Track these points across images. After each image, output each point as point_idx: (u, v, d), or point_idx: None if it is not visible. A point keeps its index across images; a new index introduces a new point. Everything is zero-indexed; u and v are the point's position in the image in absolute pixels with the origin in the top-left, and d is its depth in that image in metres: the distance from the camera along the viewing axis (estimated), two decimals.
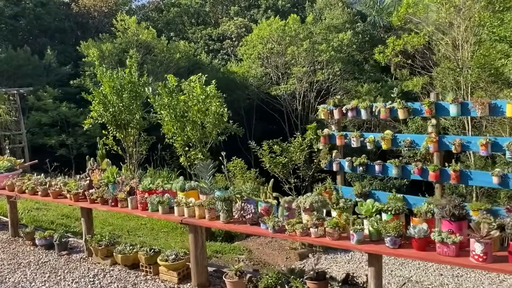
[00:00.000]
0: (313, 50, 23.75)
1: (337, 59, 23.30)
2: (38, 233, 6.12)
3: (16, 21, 26.95)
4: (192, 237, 4.41)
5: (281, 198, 3.96)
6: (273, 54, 24.67)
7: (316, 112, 25.58)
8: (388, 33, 28.33)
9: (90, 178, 5.51)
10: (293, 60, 24.07)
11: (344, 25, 27.09)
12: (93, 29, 29.92)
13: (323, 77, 23.14)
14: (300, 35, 24.30)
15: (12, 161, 6.69)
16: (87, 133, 22.03)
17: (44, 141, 20.44)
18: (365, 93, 22.87)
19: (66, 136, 21.04)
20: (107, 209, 5.07)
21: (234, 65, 26.98)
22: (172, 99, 8.93)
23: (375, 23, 28.18)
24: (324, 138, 7.35)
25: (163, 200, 4.51)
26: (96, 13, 29.57)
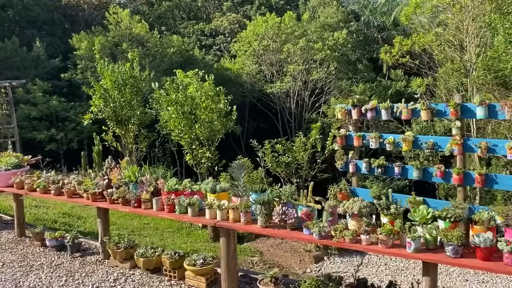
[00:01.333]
0: (309, 49, 23.63)
1: (332, 58, 23.23)
2: (48, 233, 5.82)
3: (3, 11, 26.19)
4: (225, 241, 4.20)
5: (325, 202, 3.78)
6: (268, 51, 24.49)
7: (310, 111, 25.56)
8: (382, 33, 28.46)
9: (108, 177, 5.24)
10: (288, 58, 23.92)
11: (339, 24, 27.07)
12: (83, 22, 29.28)
13: (318, 75, 23.05)
14: (296, 32, 24.17)
15: (19, 157, 6.36)
16: (77, 128, 21.59)
17: (33, 136, 19.90)
18: (360, 93, 22.84)
19: (56, 131, 20.53)
20: (129, 210, 4.82)
21: (227, 61, 26.70)
22: (180, 95, 8.66)
23: (369, 22, 28.21)
24: (341, 138, 7.20)
25: (193, 202, 4.29)
26: (86, 5, 28.94)
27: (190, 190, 4.53)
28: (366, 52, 29.24)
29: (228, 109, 9.27)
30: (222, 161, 9.82)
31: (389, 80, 25.55)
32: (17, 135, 14.40)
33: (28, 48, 23.61)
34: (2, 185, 6.07)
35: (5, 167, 6.03)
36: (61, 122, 21.49)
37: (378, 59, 28.74)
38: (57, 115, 21.26)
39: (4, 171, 6.01)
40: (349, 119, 7.19)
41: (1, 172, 6.01)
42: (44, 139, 20.09)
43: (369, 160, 6.95)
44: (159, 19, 31.31)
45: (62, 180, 5.63)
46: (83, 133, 21.72)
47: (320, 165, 11.84)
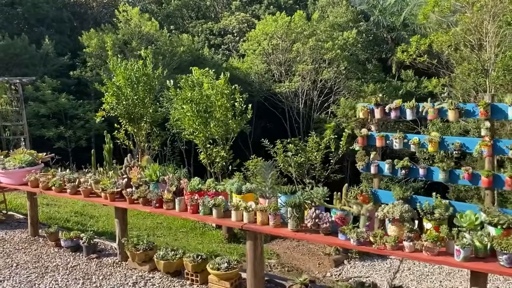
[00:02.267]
0: (318, 48, 23.41)
1: (342, 58, 22.99)
2: (63, 233, 5.64)
3: (12, 9, 26.14)
4: (251, 245, 4.00)
5: (361, 206, 3.57)
6: (277, 51, 24.28)
7: (319, 111, 25.34)
8: (391, 33, 28.20)
9: (127, 176, 5.05)
10: (297, 57, 23.69)
11: (348, 23, 26.84)
12: (91, 19, 29.19)
13: (328, 75, 22.81)
14: (305, 32, 23.95)
15: (33, 154, 6.19)
16: (86, 126, 21.49)
17: (42, 133, 19.82)
18: (370, 93, 22.60)
19: (64, 128, 20.42)
20: (150, 211, 4.63)
21: (236, 60, 26.53)
22: (196, 93, 8.48)
23: (378, 22, 27.95)
24: (362, 138, 6.97)
25: (218, 203, 4.09)
26: (95, 3, 28.85)
27: (214, 190, 4.34)
28: (376, 52, 28.99)
29: (243, 107, 9.08)
30: (236, 161, 9.63)
31: (399, 81, 25.30)
32: (26, 132, 14.26)
33: (37, 45, 23.52)
34: (16, 183, 5.91)
35: (19, 165, 5.86)
36: (70, 119, 21.39)
37: (387, 59, 28.50)
38: (66, 112, 21.16)
39: (18, 169, 5.84)
40: (371, 119, 6.96)
41: (15, 169, 5.84)
42: (53, 136, 20.00)
43: (392, 161, 6.73)
44: (167, 18, 31.19)
45: (78, 178, 5.46)
46: (91, 131, 21.61)
47: (334, 165, 11.64)
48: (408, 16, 28.45)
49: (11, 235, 6.22)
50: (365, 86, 23.04)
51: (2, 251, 5.64)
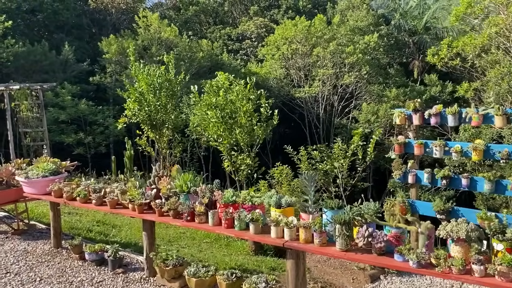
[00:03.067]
0: (339, 52, 23.03)
1: (364, 62, 22.57)
2: (88, 246, 5.39)
3: (33, 16, 26.38)
4: (293, 264, 3.67)
5: (419, 223, 3.21)
6: (297, 55, 23.98)
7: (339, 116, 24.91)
8: (413, 37, 27.67)
9: (156, 186, 4.77)
10: (318, 61, 23.35)
11: (369, 27, 26.44)
12: (110, 26, 29.31)
13: (350, 80, 22.40)
14: (325, 36, 23.61)
15: (56, 162, 5.97)
16: (105, 132, 21.46)
17: (61, 139, 19.84)
18: (393, 98, 22.13)
19: (84, 134, 20.41)
20: (181, 224, 4.34)
21: (254, 65, 26.31)
22: (221, 99, 8.20)
23: (400, 26, 27.46)
24: (399, 146, 6.60)
25: (256, 218, 3.77)
26: (114, 9, 28.96)
27: (250, 203, 4.02)
28: (397, 56, 28.47)
29: (269, 113, 8.77)
30: (262, 169, 9.32)
31: (421, 85, 24.74)
32: (47, 139, 14.18)
33: (57, 52, 23.65)
34: (39, 192, 5.68)
35: (42, 174, 5.64)
36: (89, 125, 21.38)
37: (408, 64, 27.98)
38: (85, 118, 21.17)
39: (41, 178, 5.62)
40: (409, 125, 6.58)
41: (38, 179, 5.61)
42: (72, 142, 20.00)
43: (431, 170, 6.34)
44: (185, 24, 31.17)
45: (104, 188, 5.20)
46: (110, 137, 21.58)
47: (361, 173, 11.24)
48: (430, 20, 27.91)
49: (34, 247, 6.00)
50: (387, 91, 22.57)
51: (25, 263, 5.41)
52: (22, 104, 13.85)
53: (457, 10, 12.80)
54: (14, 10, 24.27)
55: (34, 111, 13.96)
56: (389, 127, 22.97)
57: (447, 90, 22.55)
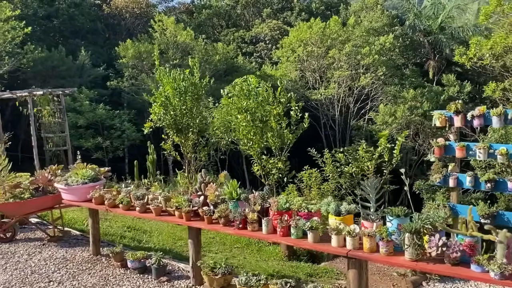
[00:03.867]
0: (355, 54, 22.87)
1: (380, 63, 22.38)
2: (130, 253, 5.31)
3: (49, 22, 26.55)
4: (355, 274, 3.56)
5: (495, 232, 3.08)
6: (312, 57, 23.85)
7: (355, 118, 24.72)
8: (428, 37, 27.41)
9: (203, 193, 4.69)
10: (334, 63, 23.21)
11: (383, 28, 26.24)
12: (124, 30, 29.44)
13: (366, 81, 22.22)
14: (340, 37, 23.47)
15: (95, 169, 5.92)
16: (122, 136, 21.50)
17: (80, 144, 19.89)
18: (410, 99, 21.90)
19: (102, 139, 20.47)
20: (233, 232, 4.25)
21: (269, 68, 26.21)
22: (252, 102, 8.10)
23: (414, 26, 27.23)
24: (440, 149, 6.45)
25: (316, 226, 3.66)
26: (128, 14, 29.07)
27: (307, 210, 3.91)
28: (412, 57, 28.22)
29: (299, 116, 8.65)
30: (292, 172, 9.21)
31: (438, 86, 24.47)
32: (69, 144, 14.21)
33: (72, 57, 23.78)
34: (79, 199, 5.63)
35: (82, 180, 5.58)
36: (106, 130, 21.44)
37: (423, 64, 27.72)
38: (102, 123, 21.24)
39: (82, 185, 5.56)
40: (449, 127, 6.43)
41: (78, 185, 5.56)
42: (91, 147, 20.06)
43: (474, 173, 6.19)
44: (199, 27, 31.17)
45: (146, 195, 5.13)
46: (126, 141, 21.61)
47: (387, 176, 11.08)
48: (445, 19, 27.64)
49: (72, 254, 5.94)
50: (404, 92, 22.34)
51: (67, 272, 5.35)
52: (44, 109, 13.90)
53: (486, 9, 12.58)
54: (30, 17, 24.45)
55: (56, 116, 13.99)
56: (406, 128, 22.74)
57: (465, 90, 22.29)
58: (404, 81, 24.42)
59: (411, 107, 21.63)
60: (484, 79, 25.80)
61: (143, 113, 25.21)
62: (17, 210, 6.21)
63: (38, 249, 6.17)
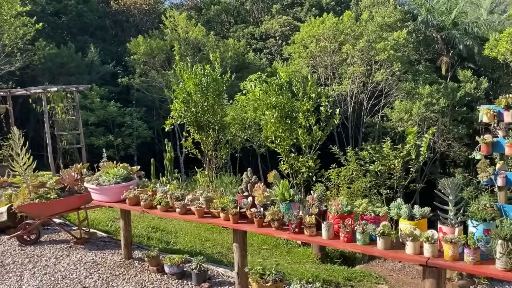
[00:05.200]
0: (369, 49, 22.47)
1: (395, 59, 21.97)
2: (167, 258, 4.99)
3: (57, 18, 26.26)
4: (434, 284, 3.22)
5: None
6: (325, 53, 23.46)
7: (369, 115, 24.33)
8: (441, 32, 26.96)
9: (250, 193, 4.36)
10: (347, 59, 22.82)
11: (396, 24, 25.80)
12: (133, 27, 29.13)
13: (381, 77, 21.82)
14: (353, 33, 23.08)
15: (127, 168, 5.60)
16: (133, 133, 21.20)
17: (91, 141, 19.63)
18: (426, 95, 21.51)
19: (113, 136, 20.20)
20: (288, 237, 3.92)
21: (279, 64, 25.84)
22: (282, 98, 7.77)
23: (427, 22, 26.78)
24: (487, 146, 6.09)
25: (388, 231, 3.33)
26: (136, 10, 28.75)
27: (373, 214, 3.57)
28: (425, 53, 27.78)
29: (329, 112, 8.32)
30: (321, 171, 8.88)
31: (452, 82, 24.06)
32: (82, 142, 13.92)
33: (81, 54, 23.50)
34: (111, 200, 5.31)
35: (114, 180, 5.26)
36: (117, 127, 21.17)
37: (436, 60, 27.27)
38: (113, 120, 20.96)
39: (114, 185, 5.24)
40: (498, 123, 6.07)
41: (111, 185, 5.24)
42: (102, 145, 19.77)
43: None
44: (207, 23, 30.82)
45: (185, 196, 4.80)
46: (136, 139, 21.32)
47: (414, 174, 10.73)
48: (458, 15, 27.18)
49: (102, 258, 5.63)
50: (420, 88, 21.95)
51: (99, 277, 5.04)
52: (58, 106, 13.60)
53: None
54: (39, 13, 24.15)
55: (69, 113, 13.69)
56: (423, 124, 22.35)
57: (482, 86, 21.87)
58: (417, 77, 24.01)
59: (427, 104, 21.24)
60: (498, 75, 25.40)
61: (153, 110, 24.95)
62: (43, 211, 5.90)
63: (65, 252, 5.87)
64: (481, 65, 26.48)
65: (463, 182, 14.36)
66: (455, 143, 22.48)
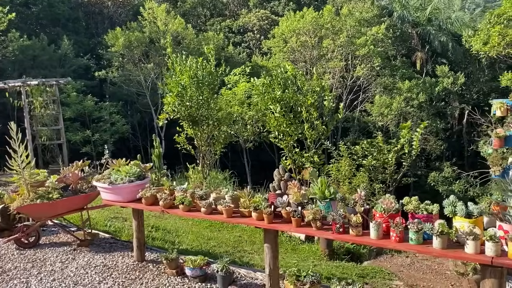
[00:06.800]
0: (349, 44, 22.53)
1: (376, 54, 22.12)
2: (189, 260, 4.71)
3: (27, 9, 25.11)
4: (495, 284, 3.11)
5: None
6: (306, 48, 23.38)
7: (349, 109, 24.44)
8: (416, 28, 27.43)
9: (283, 191, 4.14)
10: (327, 54, 22.82)
11: (374, 19, 26.02)
12: (106, 19, 28.21)
13: (362, 72, 21.93)
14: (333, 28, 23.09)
15: (140, 165, 5.26)
16: (112, 128, 20.54)
17: (67, 137, 18.82)
18: (406, 90, 21.79)
19: (90, 131, 19.48)
20: (332, 237, 3.72)
21: (259, 58, 25.62)
22: (288, 92, 7.57)
23: (403, 18, 27.17)
24: (500, 140, 6.08)
25: (446, 230, 3.19)
26: (110, 2, 27.85)
27: (426, 212, 3.43)
28: (402, 48, 28.17)
29: (333, 106, 8.19)
30: (326, 166, 8.76)
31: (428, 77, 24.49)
32: (63, 137, 13.32)
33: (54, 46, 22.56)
34: (124, 200, 4.98)
35: (127, 178, 4.94)
36: (94, 122, 20.45)
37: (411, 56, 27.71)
38: (89, 115, 20.23)
39: (128, 184, 4.91)
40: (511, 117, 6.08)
41: (125, 184, 4.91)
42: (80, 141, 19.08)
43: None
44: (183, 16, 30.19)
45: (208, 194, 4.54)
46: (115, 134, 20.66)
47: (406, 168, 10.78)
48: (433, 11, 27.68)
49: (112, 261, 5.29)
50: (400, 83, 22.22)
51: (114, 282, 4.71)
52: (37, 100, 12.96)
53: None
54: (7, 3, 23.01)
55: (50, 108, 13.07)
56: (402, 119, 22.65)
57: (459, 81, 22.34)
58: (395, 73, 24.31)
59: (406, 99, 21.52)
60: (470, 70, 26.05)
61: (130, 104, 24.26)
62: (45, 212, 5.51)
63: (70, 255, 5.49)
64: (454, 61, 27.11)
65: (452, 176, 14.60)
66: (431, 137, 22.90)
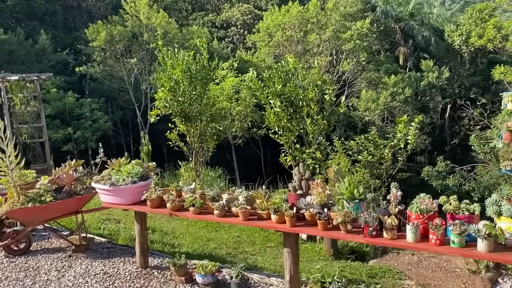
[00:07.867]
0: (335, 39, 22.36)
1: (361, 48, 22.02)
2: (200, 266, 4.37)
3: (2, 2, 24.15)
4: None
5: None
6: (291, 42, 23.11)
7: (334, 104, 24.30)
8: (399, 23, 27.53)
9: (305, 192, 3.85)
10: (314, 48, 22.61)
11: (358, 13, 25.95)
12: (85, 13, 27.38)
13: (348, 67, 21.80)
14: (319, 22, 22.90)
15: (142, 164, 4.88)
16: (94, 126, 19.91)
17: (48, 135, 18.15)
18: (392, 85, 21.78)
19: (72, 129, 18.83)
20: (364, 241, 3.45)
21: (243, 53, 25.26)
22: (289, 86, 7.27)
23: (387, 12, 27.20)
24: (511, 134, 5.95)
25: (495, 233, 2.95)
26: None
27: (467, 212, 3.18)
28: (386, 43, 28.21)
29: (333, 100, 7.93)
30: (327, 162, 8.49)
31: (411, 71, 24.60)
32: (46, 135, 12.74)
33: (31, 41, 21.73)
34: (126, 202, 4.60)
35: (130, 179, 4.56)
36: (76, 120, 19.79)
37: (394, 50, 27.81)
38: (70, 112, 19.56)
39: (131, 185, 4.54)
40: None
41: (127, 186, 4.53)
42: (61, 138, 18.40)
43: None
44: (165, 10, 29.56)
45: (219, 195, 4.22)
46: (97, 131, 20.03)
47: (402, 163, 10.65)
48: (415, 6, 27.81)
49: (113, 268, 4.91)
50: (386, 77, 22.19)
51: None
52: (17, 97, 12.33)
53: None
54: None
55: (31, 104, 12.46)
56: (389, 114, 22.67)
57: (444, 76, 22.45)
58: (380, 67, 24.31)
59: (392, 93, 21.51)
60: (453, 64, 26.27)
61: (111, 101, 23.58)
62: (37, 216, 5.08)
63: (66, 263, 5.09)
64: (437, 55, 27.31)
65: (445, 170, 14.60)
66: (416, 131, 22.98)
